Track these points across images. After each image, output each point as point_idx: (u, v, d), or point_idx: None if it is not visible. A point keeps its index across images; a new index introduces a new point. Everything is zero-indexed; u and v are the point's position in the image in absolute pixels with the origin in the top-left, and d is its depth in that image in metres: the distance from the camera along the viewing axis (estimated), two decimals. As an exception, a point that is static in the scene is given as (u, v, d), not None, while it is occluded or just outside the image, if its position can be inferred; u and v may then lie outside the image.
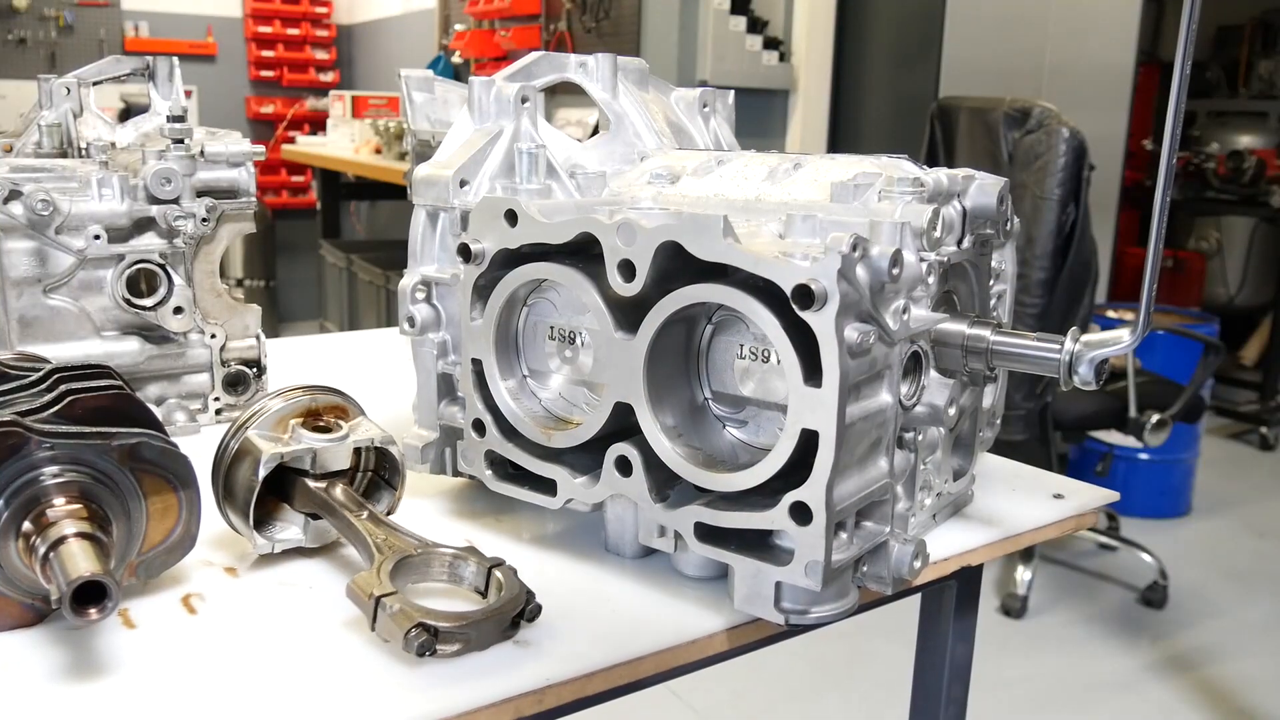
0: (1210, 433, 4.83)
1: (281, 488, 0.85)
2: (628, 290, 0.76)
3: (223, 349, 1.19)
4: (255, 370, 1.21)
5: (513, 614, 0.72)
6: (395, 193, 5.25)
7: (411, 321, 0.95)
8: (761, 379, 0.78)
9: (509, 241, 0.83)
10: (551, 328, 0.87)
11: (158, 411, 1.04)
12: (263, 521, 0.85)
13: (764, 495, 0.73)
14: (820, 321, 0.67)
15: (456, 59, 6.07)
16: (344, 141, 6.00)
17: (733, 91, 1.15)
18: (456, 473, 0.97)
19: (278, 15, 7.53)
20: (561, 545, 0.90)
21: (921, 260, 0.76)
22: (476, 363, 0.88)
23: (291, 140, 6.90)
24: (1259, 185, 5.55)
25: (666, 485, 0.80)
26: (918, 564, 0.78)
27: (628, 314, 0.78)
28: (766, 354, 0.77)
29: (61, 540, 0.67)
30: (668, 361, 0.79)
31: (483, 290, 0.86)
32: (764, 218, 0.84)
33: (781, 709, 2.75)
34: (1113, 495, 1.06)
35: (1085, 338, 0.79)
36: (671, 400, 0.80)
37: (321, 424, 0.87)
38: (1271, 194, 5.50)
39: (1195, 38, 0.77)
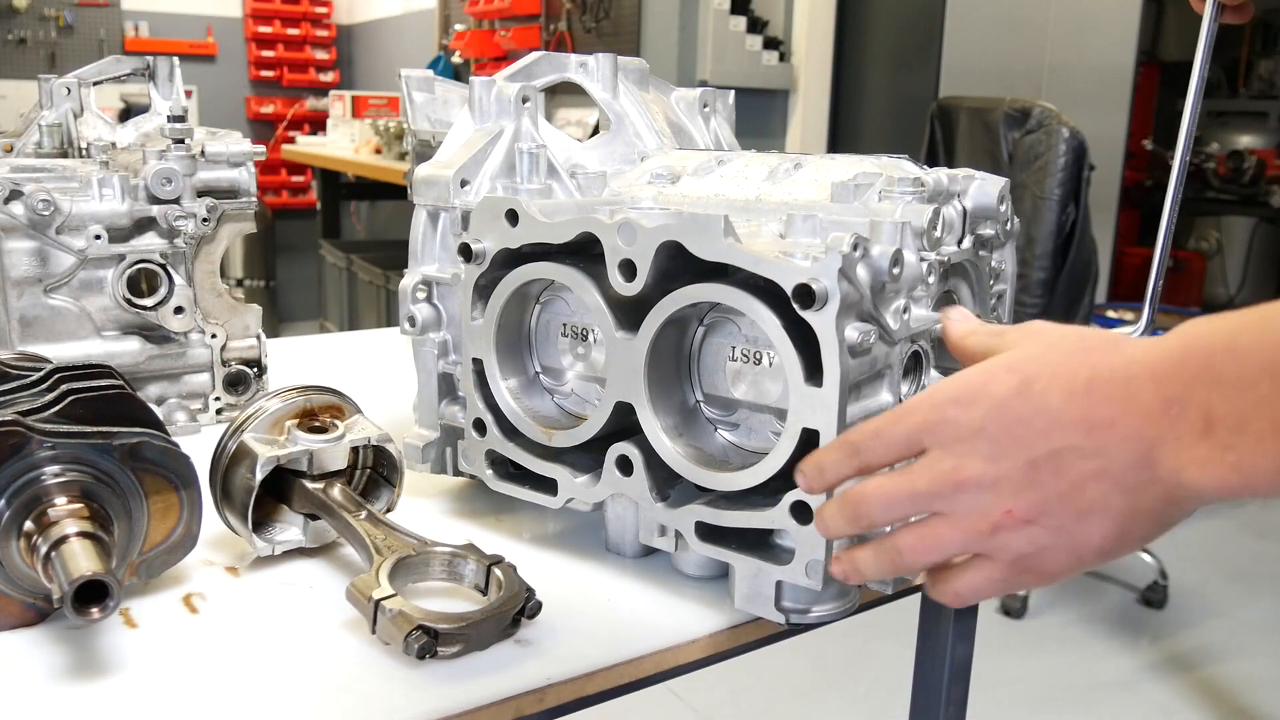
0: (1210, 433, 4.83)
1: (279, 489, 0.85)
2: (628, 290, 0.76)
3: (223, 349, 1.19)
4: (256, 370, 1.21)
5: (513, 612, 0.72)
6: (395, 193, 5.26)
7: (412, 321, 0.95)
8: (754, 381, 0.78)
9: (510, 241, 0.83)
10: (565, 325, 0.87)
11: (158, 411, 1.05)
12: (262, 523, 0.85)
13: (765, 494, 0.74)
14: (821, 321, 0.67)
15: (456, 59, 6.07)
16: (344, 141, 6.00)
17: (733, 91, 1.15)
18: (457, 472, 0.97)
19: (278, 15, 7.54)
20: (562, 545, 0.90)
21: (922, 260, 0.76)
22: (477, 362, 0.88)
23: (291, 140, 6.90)
24: (1259, 185, 5.55)
25: (667, 485, 0.80)
26: (918, 563, 0.78)
27: (628, 313, 0.78)
28: (759, 356, 0.77)
29: (63, 539, 0.67)
30: (662, 364, 0.79)
31: (483, 290, 0.86)
32: (764, 218, 0.84)
33: (781, 709, 2.75)
34: (1113, 495, 1.06)
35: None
36: (667, 402, 0.80)
37: (317, 424, 0.87)
38: (1271, 194, 5.50)
39: (1211, 53, 0.80)
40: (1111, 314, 4.11)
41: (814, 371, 0.69)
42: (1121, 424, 0.53)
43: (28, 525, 0.69)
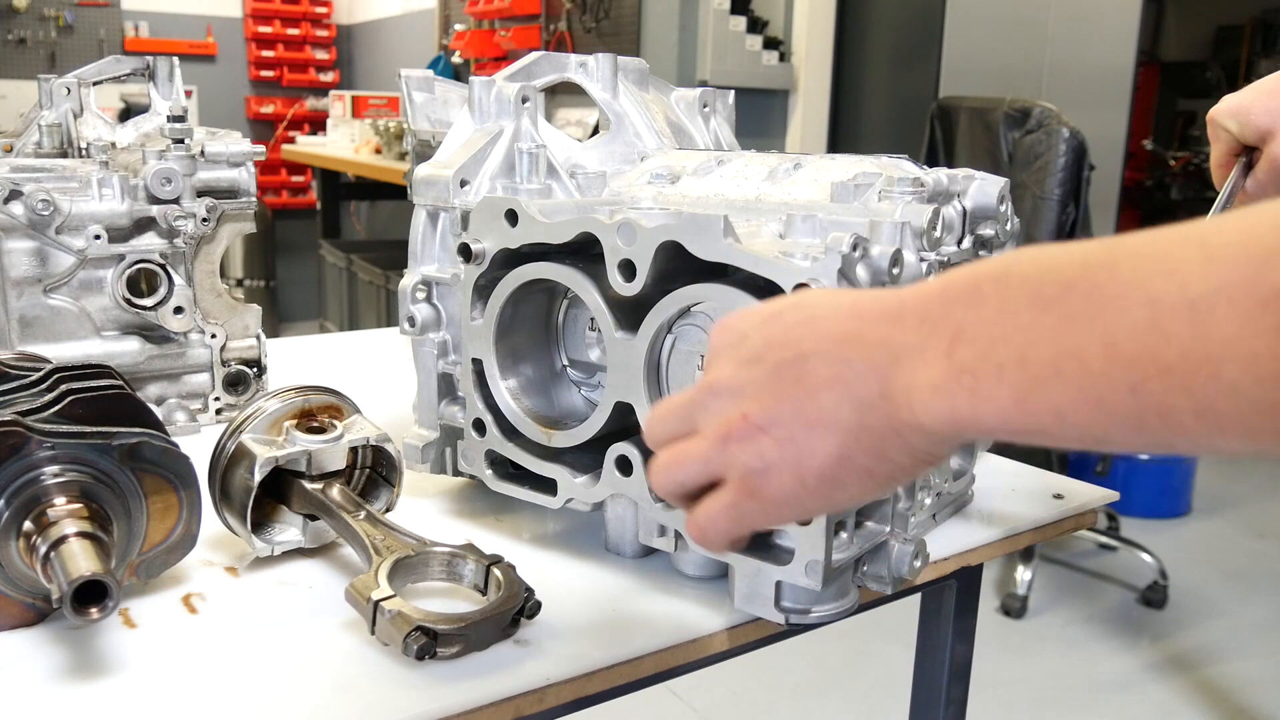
0: (1210, 433, 4.82)
1: (278, 489, 0.85)
2: (628, 290, 0.76)
3: (223, 349, 1.19)
4: (255, 370, 1.21)
5: (512, 612, 0.72)
6: (395, 193, 5.26)
7: (412, 321, 0.95)
8: None
9: (509, 241, 0.83)
10: (592, 319, 0.88)
11: (158, 411, 1.04)
12: (261, 524, 0.85)
13: (764, 495, 0.73)
14: (820, 321, 0.67)
15: (456, 59, 6.07)
16: (344, 141, 6.00)
17: (733, 91, 1.15)
18: (457, 472, 0.97)
19: (278, 15, 7.53)
20: (561, 545, 0.90)
21: (921, 260, 0.76)
22: (477, 362, 0.88)
23: (291, 140, 6.90)
24: (1259, 185, 5.54)
25: (667, 485, 0.80)
26: (918, 563, 0.78)
27: (628, 314, 0.78)
28: None
29: (62, 540, 0.67)
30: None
31: (483, 290, 0.86)
32: (764, 218, 0.84)
33: (781, 709, 2.75)
34: (1113, 495, 1.06)
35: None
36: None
37: (316, 424, 0.87)
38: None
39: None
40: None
41: (814, 371, 0.68)
42: (870, 334, 0.50)
43: (27, 525, 0.69)
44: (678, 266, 0.74)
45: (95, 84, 1.37)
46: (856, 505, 0.55)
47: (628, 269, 0.75)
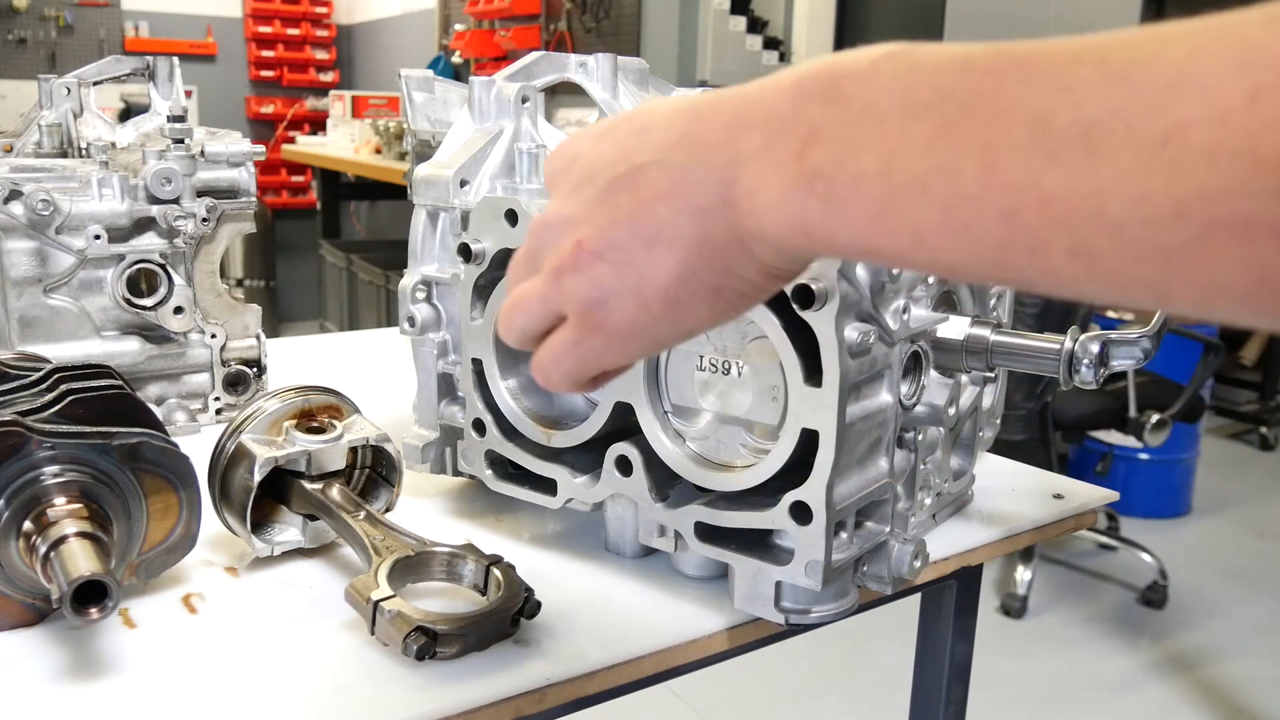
0: (1210, 433, 4.83)
1: (278, 489, 0.85)
2: (628, 290, 0.76)
3: (223, 349, 1.19)
4: (255, 370, 1.21)
5: (512, 612, 0.72)
6: (395, 193, 5.26)
7: (412, 321, 0.95)
8: (723, 392, 0.77)
9: (509, 241, 0.83)
10: None
11: (158, 411, 1.04)
12: (261, 524, 0.85)
13: (764, 495, 0.73)
14: (820, 321, 0.67)
15: (456, 59, 6.07)
16: (344, 141, 6.00)
17: (733, 91, 1.15)
18: (457, 472, 0.97)
19: (278, 15, 7.54)
20: (561, 545, 0.90)
21: (921, 260, 0.75)
22: (477, 362, 0.88)
23: (291, 140, 6.91)
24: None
25: (667, 485, 0.80)
26: (918, 563, 0.78)
27: (628, 314, 0.78)
28: (728, 366, 0.77)
29: (62, 540, 0.67)
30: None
31: (483, 290, 0.86)
32: (764, 217, 0.84)
33: (781, 709, 2.75)
34: (1113, 495, 1.06)
35: (1083, 337, 0.79)
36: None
37: (316, 424, 0.87)
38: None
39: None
40: (1112, 314, 4.11)
41: (813, 371, 0.68)
42: (711, 136, 0.45)
43: (27, 525, 0.69)
44: (678, 266, 0.74)
45: (95, 84, 1.37)
46: (707, 329, 0.51)
47: (628, 269, 0.75)
